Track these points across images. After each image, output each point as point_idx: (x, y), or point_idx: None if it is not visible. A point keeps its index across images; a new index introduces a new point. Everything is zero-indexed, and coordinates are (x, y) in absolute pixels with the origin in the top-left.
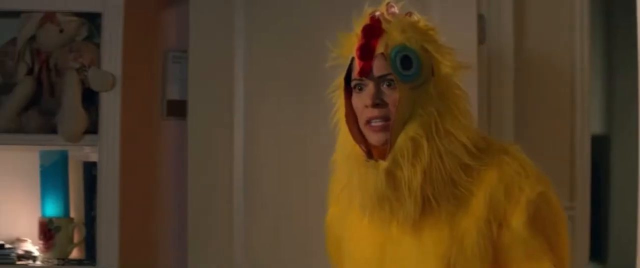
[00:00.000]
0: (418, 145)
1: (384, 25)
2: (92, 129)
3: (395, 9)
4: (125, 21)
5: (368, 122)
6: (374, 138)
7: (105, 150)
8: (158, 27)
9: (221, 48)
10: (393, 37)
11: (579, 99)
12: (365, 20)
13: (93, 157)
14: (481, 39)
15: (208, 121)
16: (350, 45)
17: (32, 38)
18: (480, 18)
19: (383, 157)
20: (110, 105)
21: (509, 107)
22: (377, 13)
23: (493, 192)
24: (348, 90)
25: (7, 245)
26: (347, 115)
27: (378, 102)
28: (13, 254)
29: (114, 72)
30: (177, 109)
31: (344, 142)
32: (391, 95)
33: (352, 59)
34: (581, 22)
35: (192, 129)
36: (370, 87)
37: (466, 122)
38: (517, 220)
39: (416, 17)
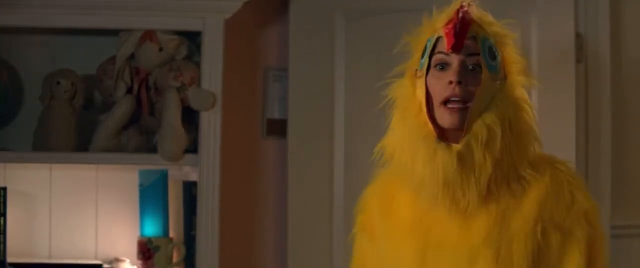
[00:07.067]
0: (493, 134)
1: (475, 16)
2: (192, 148)
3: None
4: (225, 40)
5: (445, 102)
6: (449, 119)
7: (205, 170)
8: (258, 46)
9: (321, 66)
10: (482, 27)
11: None
12: (454, 6)
13: (193, 176)
14: (579, 58)
15: (308, 140)
16: (432, 29)
17: (131, 56)
18: (578, 37)
19: (454, 141)
20: (211, 124)
21: (607, 127)
22: (466, 5)
23: (544, 195)
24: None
25: (106, 265)
26: (427, 96)
27: (461, 80)
28: None
29: (214, 91)
30: (277, 127)
31: (410, 124)
32: (474, 79)
33: (436, 39)
34: None
35: (292, 148)
36: (455, 64)
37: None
38: (576, 229)
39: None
